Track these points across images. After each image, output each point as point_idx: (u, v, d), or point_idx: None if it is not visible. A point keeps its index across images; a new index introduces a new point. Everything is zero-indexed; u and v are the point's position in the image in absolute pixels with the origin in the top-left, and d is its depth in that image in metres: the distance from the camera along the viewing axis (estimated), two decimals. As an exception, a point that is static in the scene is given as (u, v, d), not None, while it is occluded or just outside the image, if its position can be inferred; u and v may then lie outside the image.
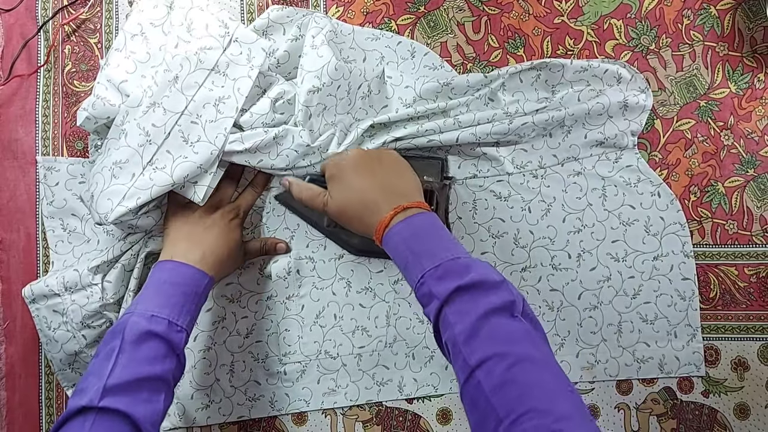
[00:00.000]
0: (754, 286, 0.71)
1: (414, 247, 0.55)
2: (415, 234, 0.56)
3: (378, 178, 0.61)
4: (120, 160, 0.61)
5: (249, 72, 0.65)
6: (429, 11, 0.73)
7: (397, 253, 0.56)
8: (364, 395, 0.72)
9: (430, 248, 0.54)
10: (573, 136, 0.71)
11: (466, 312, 0.49)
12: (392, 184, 0.60)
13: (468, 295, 0.50)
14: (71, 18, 0.74)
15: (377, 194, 0.59)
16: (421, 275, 0.53)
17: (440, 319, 0.51)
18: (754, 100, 0.72)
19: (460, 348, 0.48)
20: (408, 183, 0.62)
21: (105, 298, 0.65)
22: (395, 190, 0.60)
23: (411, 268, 0.54)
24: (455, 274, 0.51)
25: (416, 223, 0.56)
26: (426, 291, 0.52)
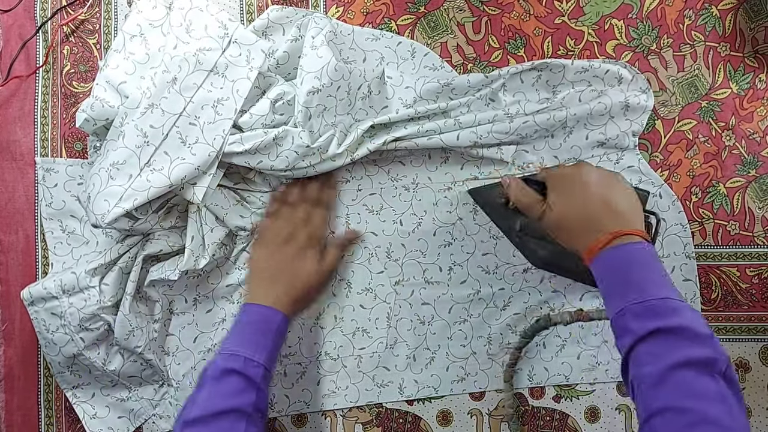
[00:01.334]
0: (756, 287, 0.71)
1: (624, 276, 0.54)
2: (629, 263, 0.54)
3: (605, 197, 0.59)
4: (117, 162, 0.61)
5: (248, 73, 0.64)
6: (429, 11, 0.73)
7: (605, 277, 0.55)
8: (364, 397, 0.72)
9: (640, 282, 0.53)
10: (574, 137, 0.71)
11: (661, 355, 0.48)
12: (619, 206, 0.58)
13: (666, 339, 0.49)
14: (70, 18, 0.74)
15: (602, 212, 0.58)
16: (622, 306, 0.52)
17: (631, 355, 0.50)
18: (755, 101, 0.71)
19: (645, 390, 0.48)
20: (634, 209, 0.59)
21: (102, 301, 0.65)
22: (620, 213, 0.58)
23: (614, 296, 0.53)
24: (659, 314, 0.50)
25: (633, 253, 0.55)
26: (623, 324, 0.51)
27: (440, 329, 0.71)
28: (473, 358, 0.71)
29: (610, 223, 0.57)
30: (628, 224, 0.57)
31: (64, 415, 0.73)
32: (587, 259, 0.57)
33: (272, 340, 0.62)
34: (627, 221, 0.57)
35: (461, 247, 0.72)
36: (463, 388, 0.71)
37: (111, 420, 0.71)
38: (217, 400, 0.57)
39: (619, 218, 0.57)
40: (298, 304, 0.66)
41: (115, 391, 0.71)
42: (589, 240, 0.57)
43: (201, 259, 0.66)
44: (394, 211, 0.72)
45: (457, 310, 0.71)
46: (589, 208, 0.58)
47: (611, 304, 0.54)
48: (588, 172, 0.61)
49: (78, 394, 0.71)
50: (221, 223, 0.69)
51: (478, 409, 0.72)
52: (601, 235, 0.56)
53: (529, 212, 0.63)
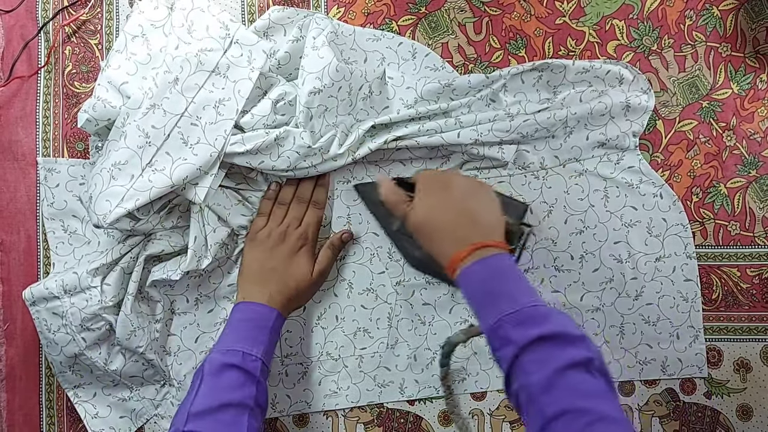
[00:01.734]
0: (757, 287, 0.71)
1: (492, 288, 0.54)
2: (494, 275, 0.55)
3: (467, 206, 0.59)
4: (119, 162, 0.61)
5: (249, 74, 0.64)
6: (430, 12, 0.73)
7: (472, 291, 0.55)
8: (365, 397, 0.72)
9: (508, 291, 0.53)
10: (575, 137, 0.71)
11: (545, 362, 0.49)
12: (479, 216, 0.59)
13: (548, 345, 0.49)
14: (72, 19, 0.74)
15: (462, 223, 0.58)
16: (497, 318, 0.52)
17: (515, 365, 0.50)
18: (756, 101, 0.71)
19: (536, 397, 0.48)
20: (494, 219, 0.60)
21: (104, 301, 0.65)
22: (480, 224, 0.58)
23: (487, 309, 0.54)
24: (535, 321, 0.51)
25: (495, 264, 0.55)
26: (502, 335, 0.51)
27: (441, 329, 0.72)
28: (474, 359, 0.71)
29: (472, 234, 0.57)
30: (487, 235, 0.57)
31: (66, 415, 0.73)
32: (449, 270, 0.57)
33: (268, 336, 0.63)
34: (486, 233, 0.57)
35: (462, 248, 0.72)
36: (464, 388, 0.71)
37: (112, 420, 0.72)
38: (218, 393, 0.58)
39: (480, 229, 0.58)
40: (291, 304, 0.67)
41: (117, 391, 0.72)
42: (449, 250, 0.57)
43: (204, 259, 0.66)
44: (395, 212, 0.72)
45: (458, 310, 0.72)
46: (449, 216, 0.58)
47: (484, 316, 0.54)
48: (454, 179, 0.61)
49: (79, 393, 0.71)
50: (223, 223, 0.69)
51: (480, 409, 0.72)
52: (462, 247, 0.56)
53: (395, 211, 0.63)
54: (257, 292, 0.65)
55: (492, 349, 0.53)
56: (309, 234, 0.69)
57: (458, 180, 0.62)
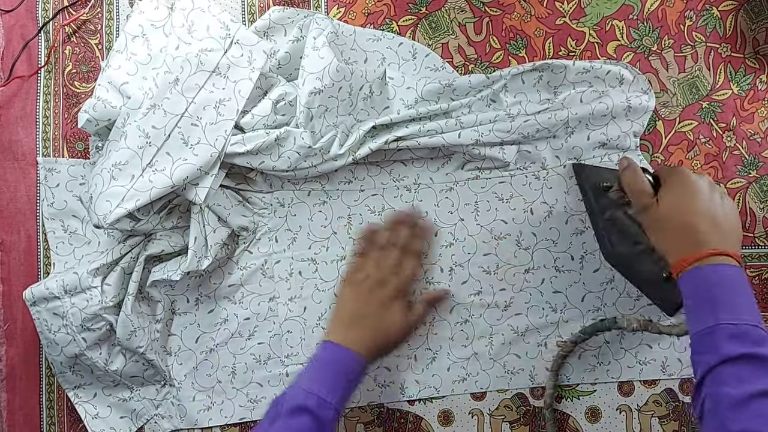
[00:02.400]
0: (757, 288, 0.71)
1: (717, 294, 0.53)
2: (723, 283, 0.54)
3: (715, 211, 0.58)
4: (119, 162, 0.61)
5: (250, 74, 0.64)
6: (430, 12, 0.73)
7: (696, 292, 0.55)
8: (365, 397, 0.72)
9: (734, 304, 0.53)
10: (576, 137, 0.71)
11: (746, 380, 0.48)
12: (724, 224, 0.57)
13: (755, 367, 0.49)
14: (72, 19, 0.74)
15: (708, 226, 0.56)
16: (714, 324, 0.52)
17: (713, 373, 0.50)
18: (756, 102, 0.71)
19: (723, 411, 0.48)
20: (736, 230, 0.59)
21: (104, 301, 0.65)
22: (722, 231, 0.57)
23: (704, 311, 0.53)
24: (751, 340, 0.50)
25: (728, 274, 0.55)
26: (712, 341, 0.51)
27: (442, 329, 0.72)
28: (474, 359, 0.71)
29: (713, 240, 0.56)
30: (729, 245, 0.56)
31: (66, 415, 0.73)
32: (677, 268, 0.57)
33: (347, 382, 0.61)
34: (729, 242, 0.57)
35: (462, 248, 0.72)
36: (464, 389, 0.71)
37: (113, 420, 0.72)
38: None
39: (723, 237, 0.57)
40: (379, 352, 0.65)
41: (117, 391, 0.72)
42: (686, 250, 0.56)
43: (204, 259, 0.67)
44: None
45: (459, 310, 0.72)
46: (696, 218, 0.57)
47: (697, 319, 0.53)
48: (704, 181, 0.60)
49: (80, 394, 0.71)
50: (224, 223, 0.69)
51: (480, 409, 0.72)
52: (701, 249, 0.55)
53: (636, 200, 0.61)
54: (350, 336, 0.63)
55: (693, 351, 0.53)
56: (406, 285, 0.67)
57: (708, 184, 0.60)
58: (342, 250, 0.72)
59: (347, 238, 0.72)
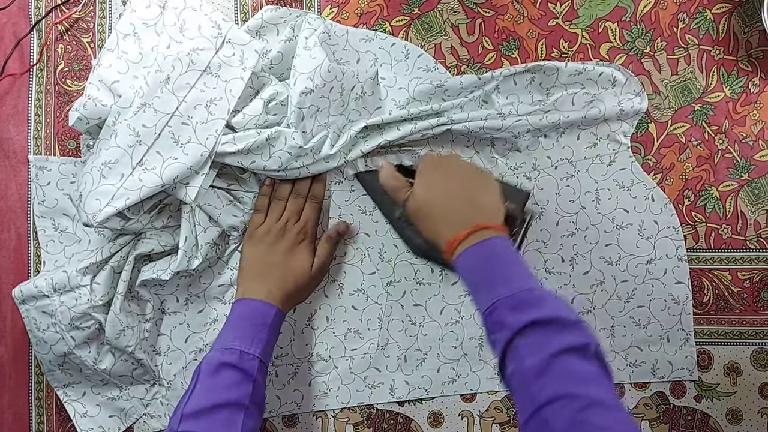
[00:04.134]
0: (748, 291, 0.71)
1: (488, 270, 0.54)
2: (490, 257, 0.55)
3: (467, 189, 0.59)
4: (109, 161, 0.61)
5: (241, 74, 0.64)
6: (423, 13, 0.73)
7: (469, 273, 0.55)
8: (355, 398, 0.72)
9: (505, 275, 0.53)
10: (566, 138, 0.71)
11: (539, 346, 0.48)
12: (479, 199, 0.59)
13: (543, 330, 0.49)
14: (64, 17, 0.74)
15: (461, 205, 0.58)
16: (493, 301, 0.52)
17: (509, 349, 0.50)
18: (748, 105, 0.71)
19: (529, 382, 0.48)
20: (494, 203, 0.60)
21: (93, 300, 0.65)
22: (479, 207, 0.58)
23: (482, 291, 0.53)
24: (530, 306, 0.51)
25: (493, 246, 0.55)
26: (497, 319, 0.51)
27: (432, 330, 0.71)
28: (464, 360, 0.71)
29: (470, 217, 0.57)
30: (486, 218, 0.57)
31: (55, 414, 0.73)
32: (448, 252, 0.57)
33: (267, 333, 0.62)
34: (485, 215, 0.57)
35: (453, 249, 0.72)
36: (454, 390, 0.71)
37: (102, 419, 0.71)
38: (213, 393, 0.57)
39: (479, 212, 0.57)
40: (291, 299, 0.66)
41: (106, 390, 0.71)
42: (449, 232, 0.57)
43: (194, 259, 0.66)
44: (387, 212, 0.72)
45: (449, 311, 0.71)
46: (449, 198, 0.58)
47: (480, 299, 0.54)
48: (453, 163, 0.61)
49: (69, 392, 0.71)
50: (214, 223, 0.69)
51: (469, 411, 0.72)
52: (461, 229, 0.56)
53: (395, 197, 0.63)
54: (256, 288, 0.64)
55: (487, 332, 0.53)
56: (308, 228, 0.69)
57: (458, 164, 0.62)
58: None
59: (338, 238, 0.72)
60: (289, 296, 0.66)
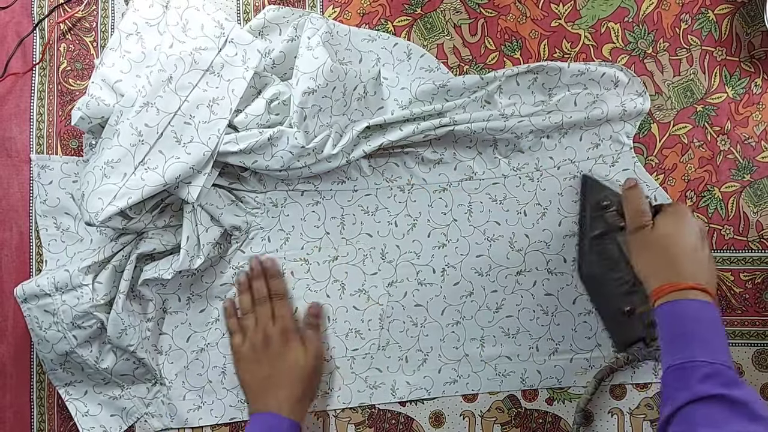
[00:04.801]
0: (750, 291, 0.71)
1: (694, 329, 0.55)
2: (701, 320, 0.55)
3: (704, 253, 0.61)
4: (112, 160, 0.61)
5: (244, 73, 0.64)
6: (426, 13, 0.73)
7: (672, 323, 0.56)
8: (356, 398, 0.71)
9: (709, 341, 0.54)
10: (568, 139, 0.71)
11: (718, 423, 0.49)
12: (708, 263, 0.61)
13: (728, 409, 0.50)
14: (67, 16, 0.74)
15: (693, 263, 0.59)
16: (689, 359, 0.52)
17: (684, 410, 0.50)
18: (750, 106, 0.71)
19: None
20: (715, 277, 0.62)
21: (95, 299, 0.65)
22: (707, 271, 0.60)
23: (678, 345, 0.54)
24: (723, 381, 0.51)
25: (708, 311, 0.56)
26: (684, 377, 0.52)
27: (433, 331, 0.71)
28: (466, 360, 0.71)
29: (695, 275, 0.58)
30: (709, 284, 0.58)
31: (57, 413, 0.73)
32: (657, 294, 0.58)
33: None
34: (709, 281, 0.59)
35: (455, 249, 0.72)
36: (455, 390, 0.71)
37: (103, 418, 0.71)
38: None
39: (705, 275, 0.59)
40: (302, 402, 0.65)
41: (108, 389, 0.71)
42: (668, 277, 0.58)
43: (196, 258, 0.66)
44: (389, 212, 0.72)
45: (450, 312, 0.71)
46: (684, 251, 0.59)
47: (672, 351, 0.54)
48: (699, 225, 0.63)
49: (70, 391, 0.71)
50: (216, 222, 0.69)
51: (471, 411, 0.72)
52: (682, 280, 0.57)
53: (633, 218, 0.63)
54: (265, 403, 0.64)
55: (665, 384, 0.53)
56: (288, 325, 0.68)
57: (701, 228, 0.63)
58: (334, 250, 0.72)
59: (340, 238, 0.72)
60: (299, 400, 0.65)
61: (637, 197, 0.64)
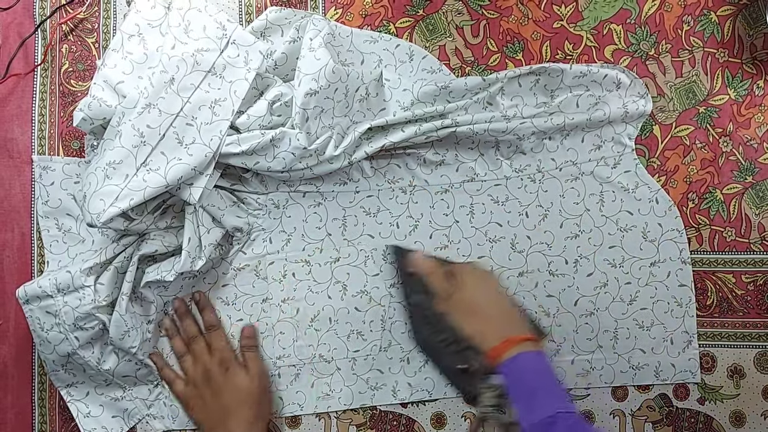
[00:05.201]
0: (751, 293, 0.71)
1: (546, 380, 0.56)
2: (545, 370, 0.57)
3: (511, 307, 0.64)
4: (114, 161, 0.61)
5: (246, 74, 0.64)
6: (428, 14, 0.73)
7: (524, 377, 0.56)
8: (358, 399, 0.71)
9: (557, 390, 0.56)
10: (570, 140, 0.71)
11: None
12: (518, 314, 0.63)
13: None
14: (69, 17, 0.74)
15: (509, 316, 0.62)
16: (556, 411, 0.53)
17: None
18: (753, 107, 0.71)
19: None
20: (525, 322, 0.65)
21: (97, 301, 0.65)
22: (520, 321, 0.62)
23: (539, 399, 0.55)
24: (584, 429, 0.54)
25: (544, 361, 0.58)
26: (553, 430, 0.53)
27: (435, 332, 0.71)
28: (468, 362, 0.71)
29: (514, 327, 0.60)
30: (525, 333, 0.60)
31: (58, 414, 0.73)
32: (496, 352, 0.58)
33: None
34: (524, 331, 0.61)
35: (457, 250, 0.72)
36: (456, 392, 0.71)
37: (105, 419, 0.71)
38: None
39: (520, 326, 0.62)
40: (257, 423, 0.66)
41: (110, 391, 0.71)
42: (501, 331, 0.59)
43: (198, 260, 0.66)
44: (391, 214, 0.72)
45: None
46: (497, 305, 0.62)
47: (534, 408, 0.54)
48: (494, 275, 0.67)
49: (72, 392, 0.71)
50: (218, 224, 0.69)
51: (472, 413, 0.72)
52: (513, 332, 0.59)
53: (435, 284, 0.64)
54: None
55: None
56: (226, 354, 0.68)
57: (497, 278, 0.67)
58: (336, 252, 0.72)
59: (342, 239, 0.72)
60: (253, 422, 0.65)
61: (432, 267, 0.66)
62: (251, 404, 0.66)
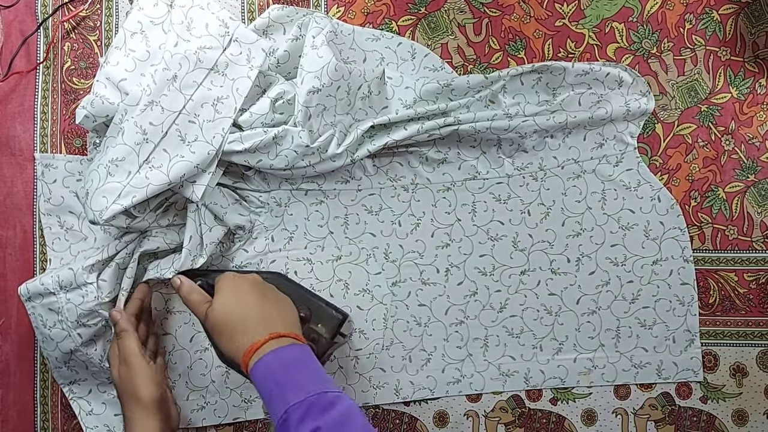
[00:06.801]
0: (754, 292, 0.71)
1: (281, 379, 0.53)
2: (287, 365, 0.54)
3: (263, 304, 0.60)
4: (116, 158, 0.61)
5: (248, 72, 0.64)
6: (430, 12, 0.73)
7: (264, 382, 0.54)
8: (360, 398, 0.71)
9: (298, 381, 0.53)
10: (572, 139, 0.71)
11: None
12: (275, 313, 0.59)
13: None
14: (71, 15, 0.74)
15: (260, 316, 0.58)
16: (284, 410, 0.51)
17: None
18: (755, 106, 0.71)
19: None
20: (289, 317, 0.61)
21: (100, 297, 0.65)
22: (275, 319, 0.58)
23: (275, 402, 0.52)
24: (319, 410, 0.51)
25: (289, 354, 0.55)
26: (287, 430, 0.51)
27: (437, 331, 0.71)
28: (469, 360, 0.71)
29: (267, 327, 0.57)
30: (284, 328, 0.58)
31: (60, 411, 0.73)
32: (244, 365, 0.56)
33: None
34: (284, 326, 0.58)
35: (459, 249, 0.72)
36: (459, 390, 0.71)
37: (107, 417, 0.71)
38: None
39: (275, 324, 0.58)
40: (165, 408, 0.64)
41: (112, 388, 0.71)
42: (243, 344, 0.56)
43: (199, 258, 0.66)
44: (393, 212, 0.72)
45: (454, 311, 0.71)
46: (246, 311, 0.58)
47: (273, 411, 0.52)
48: (251, 280, 0.62)
49: (75, 389, 0.71)
50: (220, 222, 0.69)
51: (475, 411, 0.72)
52: (255, 339, 0.56)
53: (195, 311, 0.62)
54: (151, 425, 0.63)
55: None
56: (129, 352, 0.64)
57: (255, 282, 0.62)
58: (338, 250, 0.72)
59: (343, 237, 0.72)
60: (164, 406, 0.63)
61: (188, 293, 0.63)
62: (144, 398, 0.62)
